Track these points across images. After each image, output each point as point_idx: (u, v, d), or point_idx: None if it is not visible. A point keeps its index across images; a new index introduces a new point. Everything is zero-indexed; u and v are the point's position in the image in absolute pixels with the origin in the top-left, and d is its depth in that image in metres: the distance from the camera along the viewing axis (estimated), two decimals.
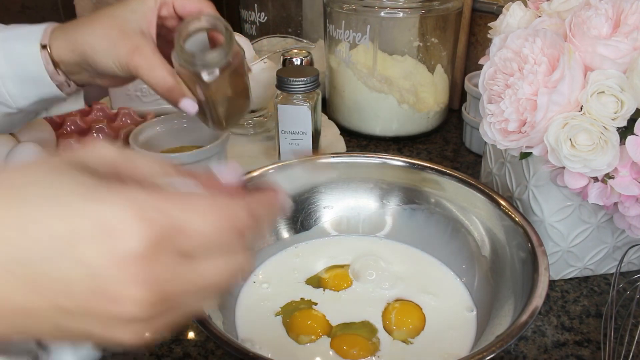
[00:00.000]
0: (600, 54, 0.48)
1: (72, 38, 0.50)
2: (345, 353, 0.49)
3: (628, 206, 0.50)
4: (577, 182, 0.50)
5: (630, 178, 0.49)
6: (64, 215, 0.23)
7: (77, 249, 0.23)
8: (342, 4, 0.86)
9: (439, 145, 0.91)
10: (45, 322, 0.24)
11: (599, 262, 0.60)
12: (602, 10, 0.49)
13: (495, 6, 0.93)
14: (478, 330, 0.51)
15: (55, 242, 0.23)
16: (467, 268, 0.57)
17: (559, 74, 0.48)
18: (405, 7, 0.84)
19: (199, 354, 0.52)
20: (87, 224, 0.23)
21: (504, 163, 0.63)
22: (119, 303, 0.23)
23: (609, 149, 0.47)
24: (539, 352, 0.52)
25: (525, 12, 0.58)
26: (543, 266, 0.47)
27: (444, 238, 0.60)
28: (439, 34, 0.88)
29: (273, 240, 0.61)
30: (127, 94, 0.90)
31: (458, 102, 1.01)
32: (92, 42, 0.50)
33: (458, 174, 0.59)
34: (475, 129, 0.84)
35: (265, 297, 0.55)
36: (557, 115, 0.49)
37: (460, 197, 0.59)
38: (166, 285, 0.24)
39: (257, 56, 0.88)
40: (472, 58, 1.01)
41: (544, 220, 0.57)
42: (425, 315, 0.53)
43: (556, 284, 0.60)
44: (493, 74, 0.54)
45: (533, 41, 0.50)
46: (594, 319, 0.56)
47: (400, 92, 0.88)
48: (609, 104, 0.47)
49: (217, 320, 0.47)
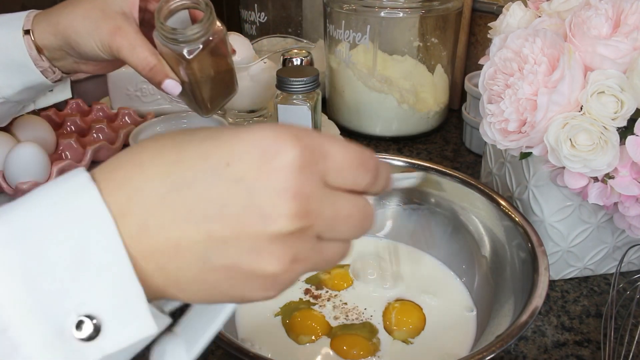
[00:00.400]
0: (600, 54, 0.48)
1: (54, 21, 0.50)
2: (345, 353, 0.49)
3: (628, 206, 0.50)
4: (577, 182, 0.50)
5: (630, 178, 0.49)
6: (217, 144, 0.25)
7: (233, 167, 0.24)
8: (342, 4, 0.86)
9: (439, 145, 0.91)
10: (193, 261, 0.25)
11: (599, 262, 0.60)
12: (602, 10, 0.49)
13: (495, 6, 0.93)
14: (478, 330, 0.51)
15: (211, 165, 0.25)
16: (467, 268, 0.57)
17: (559, 74, 0.48)
18: (405, 7, 0.84)
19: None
20: (241, 145, 0.25)
21: (504, 163, 0.63)
22: (270, 218, 0.24)
23: (609, 149, 0.47)
24: (539, 352, 0.52)
25: (525, 12, 0.58)
26: (543, 266, 0.47)
27: (444, 238, 0.60)
28: (439, 34, 0.88)
29: None
30: (127, 94, 0.90)
31: (458, 102, 1.01)
32: (74, 24, 0.50)
33: (458, 174, 0.59)
34: (475, 129, 0.84)
35: None
36: (557, 115, 0.49)
37: (460, 197, 0.59)
38: (313, 204, 0.25)
39: (257, 56, 0.88)
40: (472, 58, 1.01)
41: (544, 220, 0.57)
42: (425, 315, 0.53)
43: (556, 284, 0.60)
44: (493, 74, 0.54)
45: (533, 41, 0.50)
46: (594, 319, 0.56)
47: (400, 92, 0.88)
48: (609, 104, 0.47)
49: None
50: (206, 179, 0.24)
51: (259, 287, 0.26)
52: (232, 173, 0.24)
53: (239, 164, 0.25)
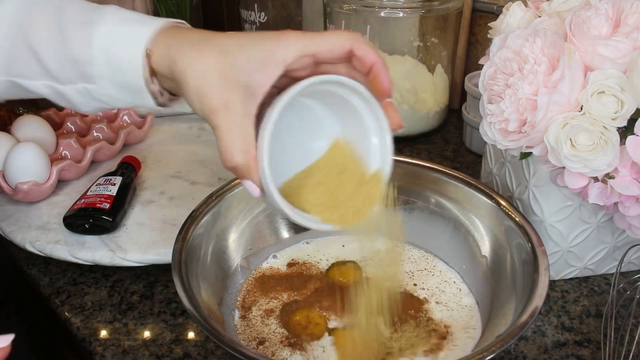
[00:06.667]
0: (600, 54, 0.48)
1: (173, 57, 0.42)
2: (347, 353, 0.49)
3: (628, 206, 0.50)
4: (577, 182, 0.50)
5: (630, 178, 0.49)
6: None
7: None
8: (342, 4, 0.86)
9: (439, 145, 0.91)
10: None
11: (599, 262, 0.60)
12: (602, 10, 0.49)
13: (495, 6, 0.93)
14: (478, 330, 0.51)
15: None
16: (467, 268, 0.57)
17: (559, 74, 0.48)
18: (405, 7, 0.84)
19: (199, 354, 0.52)
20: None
21: (504, 163, 0.63)
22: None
23: (609, 149, 0.47)
24: (539, 352, 0.52)
25: (525, 12, 0.58)
26: (543, 266, 0.47)
27: (444, 238, 0.60)
28: (439, 34, 0.88)
29: (274, 240, 0.61)
30: None
31: (458, 102, 1.01)
32: (187, 76, 0.41)
33: (458, 174, 0.59)
34: (475, 129, 0.84)
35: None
36: (557, 115, 0.49)
37: (460, 197, 0.59)
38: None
39: None
40: (472, 58, 1.01)
41: (544, 220, 0.57)
42: (425, 315, 0.53)
43: (556, 284, 0.61)
44: (493, 74, 0.54)
45: (533, 41, 0.50)
46: (594, 319, 0.56)
47: (400, 92, 0.88)
48: (609, 104, 0.47)
49: (217, 320, 0.47)
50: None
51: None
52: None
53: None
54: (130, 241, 0.62)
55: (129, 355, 0.51)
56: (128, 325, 0.55)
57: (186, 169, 0.77)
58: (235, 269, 0.56)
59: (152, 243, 0.62)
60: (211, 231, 0.54)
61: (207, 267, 0.52)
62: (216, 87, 0.40)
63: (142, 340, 0.53)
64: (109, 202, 0.64)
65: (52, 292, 0.59)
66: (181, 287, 0.45)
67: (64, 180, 0.73)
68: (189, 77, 0.41)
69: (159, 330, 0.54)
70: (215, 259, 0.54)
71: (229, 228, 0.57)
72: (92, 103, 0.45)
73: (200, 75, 0.40)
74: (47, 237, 0.63)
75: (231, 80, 0.40)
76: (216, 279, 0.53)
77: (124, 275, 0.62)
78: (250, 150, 0.40)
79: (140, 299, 0.58)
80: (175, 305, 0.57)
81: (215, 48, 0.41)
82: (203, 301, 0.47)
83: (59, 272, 0.62)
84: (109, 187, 0.66)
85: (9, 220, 0.66)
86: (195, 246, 0.51)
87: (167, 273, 0.56)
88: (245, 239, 0.58)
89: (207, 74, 0.40)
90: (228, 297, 0.54)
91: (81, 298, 0.59)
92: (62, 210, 0.66)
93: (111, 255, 0.60)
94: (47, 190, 0.69)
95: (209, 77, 0.40)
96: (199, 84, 0.40)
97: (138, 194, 0.71)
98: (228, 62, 0.40)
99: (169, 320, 0.56)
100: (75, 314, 0.57)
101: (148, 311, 0.57)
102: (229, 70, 0.40)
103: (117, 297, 0.58)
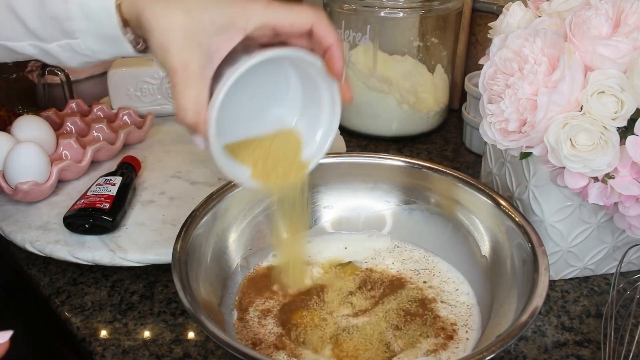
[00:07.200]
0: (600, 54, 0.48)
1: (140, 8, 0.44)
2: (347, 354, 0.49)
3: (628, 206, 0.50)
4: (577, 182, 0.50)
5: (631, 178, 0.49)
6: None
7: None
8: (342, 4, 0.86)
9: (439, 145, 0.91)
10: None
11: (599, 262, 0.60)
12: (602, 10, 0.49)
13: (495, 6, 0.93)
14: (478, 330, 0.51)
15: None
16: (467, 268, 0.57)
17: (559, 74, 0.48)
18: (405, 7, 0.84)
19: (199, 354, 0.52)
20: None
21: (504, 163, 0.63)
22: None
23: (609, 149, 0.47)
24: (539, 352, 0.52)
25: (525, 12, 0.58)
26: (543, 266, 0.47)
27: (444, 238, 0.60)
28: (439, 34, 0.88)
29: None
30: (127, 94, 0.90)
31: (458, 102, 1.01)
32: (153, 29, 0.43)
33: (458, 174, 0.59)
34: (475, 129, 0.84)
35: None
36: (557, 115, 0.49)
37: (460, 197, 0.59)
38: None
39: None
40: (472, 58, 1.01)
41: (544, 220, 0.57)
42: (425, 315, 0.53)
43: (556, 284, 0.61)
44: (493, 74, 0.54)
45: (533, 41, 0.50)
46: (594, 319, 0.56)
47: (400, 92, 0.88)
48: (609, 104, 0.47)
49: (217, 320, 0.47)
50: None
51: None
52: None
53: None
54: (130, 241, 0.62)
55: (129, 355, 0.52)
56: (128, 325, 0.55)
57: (186, 169, 0.77)
58: (235, 269, 0.56)
59: (152, 243, 0.62)
60: (211, 231, 0.54)
61: (207, 267, 0.52)
62: (178, 47, 0.42)
63: (142, 340, 0.53)
64: (109, 202, 0.64)
65: (52, 292, 0.59)
66: (181, 287, 0.45)
67: (64, 180, 0.73)
68: (154, 31, 0.43)
69: (159, 330, 0.54)
70: (215, 259, 0.54)
71: (229, 228, 0.57)
72: (77, 57, 0.48)
73: (164, 31, 0.42)
74: (47, 237, 0.63)
75: (193, 41, 0.42)
76: (216, 279, 0.53)
77: (124, 275, 0.62)
78: (200, 111, 0.43)
79: (140, 299, 0.58)
80: (175, 305, 0.57)
81: (181, 5, 0.43)
82: (203, 301, 0.47)
83: (59, 272, 0.62)
84: (109, 187, 0.66)
85: (9, 220, 0.66)
86: (195, 246, 0.51)
87: (167, 273, 0.56)
88: (245, 239, 0.58)
89: (170, 31, 0.42)
90: (228, 297, 0.54)
91: (81, 298, 0.59)
92: (62, 210, 0.66)
93: (111, 255, 0.60)
94: (47, 190, 0.69)
95: (172, 35, 0.42)
96: (162, 40, 0.42)
97: (138, 194, 0.71)
98: (192, 22, 0.42)
99: (169, 320, 0.56)
100: (75, 314, 0.57)
101: (148, 311, 0.57)
102: (191, 30, 0.42)
103: (117, 297, 0.59)
